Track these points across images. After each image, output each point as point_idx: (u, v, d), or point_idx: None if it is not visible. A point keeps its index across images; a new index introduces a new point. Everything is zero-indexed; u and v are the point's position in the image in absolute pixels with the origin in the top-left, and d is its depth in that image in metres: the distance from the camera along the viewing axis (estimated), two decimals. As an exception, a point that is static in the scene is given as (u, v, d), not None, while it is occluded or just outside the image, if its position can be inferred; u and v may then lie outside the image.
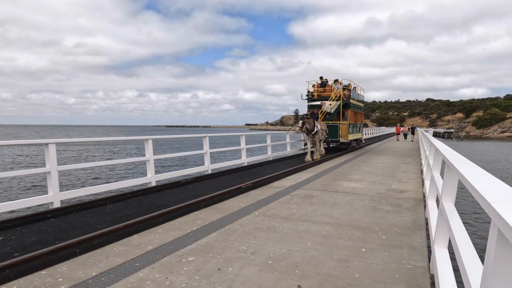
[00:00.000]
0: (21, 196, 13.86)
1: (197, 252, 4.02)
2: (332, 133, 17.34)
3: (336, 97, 17.97)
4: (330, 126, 17.14)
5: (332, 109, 17.69)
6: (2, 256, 4.07)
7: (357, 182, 8.80)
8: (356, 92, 21.46)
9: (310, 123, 13.70)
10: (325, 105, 17.69)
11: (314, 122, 13.86)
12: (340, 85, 18.37)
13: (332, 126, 17.44)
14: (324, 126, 15.20)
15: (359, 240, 4.45)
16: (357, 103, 21.17)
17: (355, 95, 20.90)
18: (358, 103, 21.48)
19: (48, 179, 6.19)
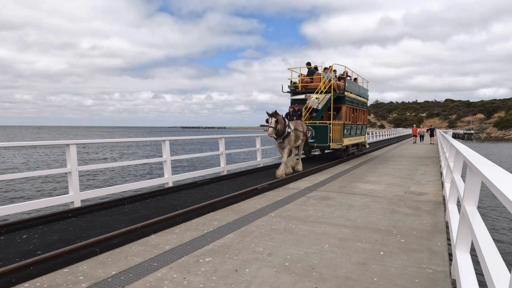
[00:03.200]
0: (43, 195, 14.25)
1: (214, 252, 4.04)
2: (320, 136, 13.27)
3: (326, 89, 13.57)
4: (316, 127, 13.34)
5: (319, 104, 13.57)
6: (26, 253, 4.20)
7: (374, 184, 8.68)
8: (355, 83, 16.76)
9: (281, 121, 9.92)
10: (311, 99, 13.55)
11: (285, 121, 10.10)
12: (332, 73, 13.97)
13: (319, 127, 13.35)
14: (302, 126, 11.30)
15: (377, 243, 4.39)
16: (356, 97, 16.34)
17: (354, 87, 16.13)
18: (357, 98, 16.64)
19: (69, 179, 6.33)
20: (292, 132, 10.31)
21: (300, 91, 14.49)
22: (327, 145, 13.32)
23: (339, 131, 13.82)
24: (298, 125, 10.94)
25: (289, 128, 10.13)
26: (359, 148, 17.92)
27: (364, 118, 18.78)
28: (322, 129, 13.37)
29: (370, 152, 19.67)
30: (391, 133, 49.35)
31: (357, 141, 16.93)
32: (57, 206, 6.85)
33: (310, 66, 14.92)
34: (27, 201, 5.96)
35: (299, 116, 12.81)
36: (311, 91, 13.98)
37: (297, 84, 14.89)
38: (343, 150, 14.63)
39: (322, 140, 13.37)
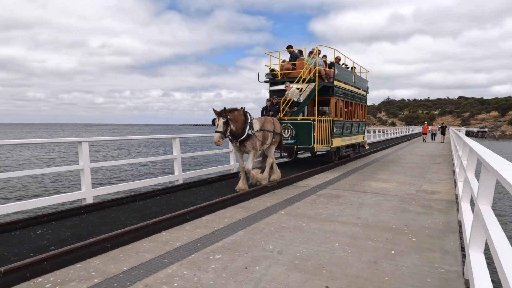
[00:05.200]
0: (57, 192, 14.50)
1: (224, 250, 4.06)
2: (302, 136, 10.71)
3: (310, 76, 11.00)
4: (297, 125, 10.77)
5: (300, 96, 11.00)
6: (40, 248, 4.28)
7: (385, 183, 8.59)
8: (349, 71, 13.97)
9: (237, 119, 7.41)
10: (290, 89, 10.97)
11: (246, 118, 7.62)
12: (317, 57, 11.31)
13: (300, 124, 10.77)
14: (274, 124, 8.61)
15: (388, 242, 4.35)
16: (351, 88, 13.62)
17: (347, 76, 13.33)
18: (353, 89, 13.94)
19: (82, 176, 6.43)
20: (256, 133, 7.77)
21: (279, 80, 11.97)
22: (311, 147, 10.82)
23: (327, 129, 11.23)
24: (267, 123, 8.34)
25: (250, 129, 7.57)
26: (356, 150, 15.45)
27: (362, 114, 15.95)
28: (304, 127, 10.76)
29: (375, 152, 17.72)
30: (402, 131, 48.76)
31: (352, 141, 14.31)
32: (70, 202, 6.95)
33: (292, 50, 12.15)
34: (40, 197, 6.07)
35: (277, 111, 10.83)
36: (293, 80, 11.35)
37: (276, 72, 12.32)
38: (334, 153, 12.38)
39: (304, 140, 10.76)
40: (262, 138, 8.06)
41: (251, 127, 7.63)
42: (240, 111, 7.62)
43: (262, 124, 8.14)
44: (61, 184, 16.63)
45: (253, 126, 7.78)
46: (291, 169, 10.94)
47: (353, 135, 14.33)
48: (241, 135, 7.48)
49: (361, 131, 15.89)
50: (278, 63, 12.44)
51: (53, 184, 16.59)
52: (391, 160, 13.95)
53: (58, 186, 16.25)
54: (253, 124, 7.78)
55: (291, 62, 12.17)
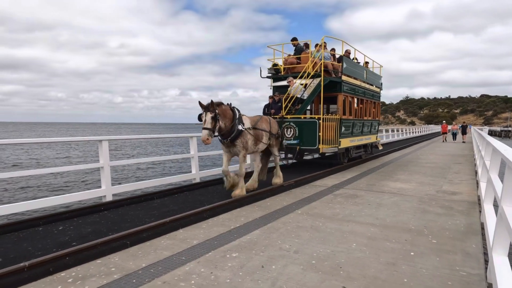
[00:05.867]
0: (78, 189, 14.88)
1: (241, 248, 4.07)
2: (306, 136, 9.91)
3: (315, 71, 10.17)
4: (301, 124, 10.01)
5: (304, 92, 10.19)
6: (62, 244, 4.41)
7: (404, 183, 8.44)
8: (359, 66, 12.86)
9: (225, 114, 6.64)
10: (293, 85, 10.13)
11: (233, 113, 6.85)
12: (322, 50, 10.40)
13: (304, 123, 10.02)
14: (269, 124, 7.87)
15: (407, 243, 4.27)
16: (362, 84, 12.64)
17: (357, 71, 12.24)
18: (364, 85, 12.88)
19: (102, 173, 6.58)
20: (248, 131, 6.99)
21: (283, 76, 11.10)
22: (315, 148, 9.95)
23: (334, 129, 10.32)
24: (262, 122, 7.60)
25: (241, 124, 6.84)
26: (368, 151, 14.34)
27: (375, 113, 14.73)
28: (308, 126, 9.93)
29: (393, 152, 17.17)
30: (421, 130, 47.76)
31: (364, 141, 13.22)
32: (90, 199, 7.12)
33: (297, 42, 11.26)
34: (63, 194, 6.25)
35: (279, 109, 10.09)
36: (297, 75, 10.41)
37: (279, 66, 11.48)
38: (342, 154, 11.32)
39: (308, 141, 9.91)
40: (255, 137, 7.28)
41: (240, 123, 6.82)
42: (226, 106, 6.86)
43: (254, 122, 7.40)
44: (82, 182, 17.05)
45: (244, 122, 6.99)
46: (309, 168, 10.87)
47: (364, 135, 13.26)
48: (231, 132, 6.70)
49: (374, 130, 14.78)
50: (282, 57, 11.58)
51: (74, 182, 17.03)
52: (410, 160, 13.69)
53: (78, 183, 16.68)
54: (243, 120, 6.99)
55: (296, 56, 11.30)
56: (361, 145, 13.20)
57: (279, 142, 8.33)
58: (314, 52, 10.67)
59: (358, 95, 12.31)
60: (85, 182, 17.02)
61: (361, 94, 12.61)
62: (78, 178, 17.94)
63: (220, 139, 6.89)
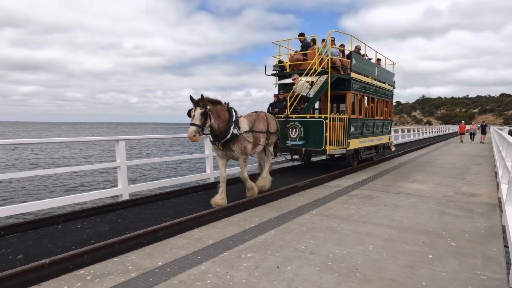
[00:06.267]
0: (95, 188, 15.16)
1: (256, 248, 4.07)
2: (311, 137, 9.37)
3: (322, 67, 9.59)
4: (306, 124, 9.45)
5: (310, 90, 9.67)
6: (80, 242, 4.50)
7: (421, 184, 8.28)
8: (370, 62, 12.14)
9: (219, 115, 6.12)
10: (299, 82, 9.67)
11: (230, 116, 6.33)
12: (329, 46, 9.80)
13: (310, 123, 9.46)
14: (267, 123, 7.37)
15: (425, 245, 4.19)
16: (372, 82, 11.94)
17: (368, 68, 11.57)
18: (375, 83, 12.21)
19: (119, 173, 6.68)
20: (244, 135, 6.43)
21: (289, 73, 10.51)
22: (322, 149, 9.36)
23: (342, 129, 9.77)
24: (259, 121, 7.09)
25: (236, 127, 6.26)
26: (380, 152, 13.62)
27: (388, 112, 14.01)
28: (314, 126, 9.38)
29: (409, 153, 16.81)
30: (438, 130, 46.84)
31: (375, 142, 12.57)
32: (107, 198, 7.24)
33: (304, 38, 10.80)
34: (81, 193, 6.38)
35: (283, 108, 9.60)
36: (304, 72, 9.89)
37: (284, 63, 10.93)
38: (352, 156, 10.83)
39: (314, 142, 9.35)
40: (253, 140, 6.74)
41: (236, 126, 6.30)
42: (223, 105, 6.29)
43: (252, 124, 6.80)
44: (96, 181, 17.37)
45: (240, 125, 6.42)
46: (323, 169, 10.78)
47: (375, 135, 12.58)
48: (225, 135, 6.18)
49: (386, 130, 14.01)
50: (287, 53, 11.06)
51: (91, 181, 17.35)
52: (426, 161, 13.44)
53: (94, 182, 16.99)
54: (239, 123, 6.43)
55: (302, 52, 10.73)
56: (372, 146, 12.57)
57: (276, 140, 7.90)
58: (320, 48, 10.06)
59: (368, 93, 11.65)
60: (98, 181, 17.33)
61: (372, 92, 11.96)
62: (94, 177, 18.27)
63: (211, 140, 6.45)
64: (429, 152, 17.53)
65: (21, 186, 15.12)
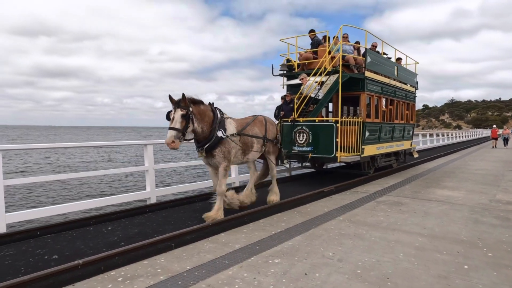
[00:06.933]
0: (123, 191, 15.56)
1: (283, 254, 4.04)
2: (321, 142, 8.49)
3: (332, 66, 8.90)
4: (315, 128, 8.57)
5: (319, 91, 8.92)
6: (111, 244, 4.62)
7: (452, 190, 7.99)
8: (388, 60, 11.17)
9: (203, 116, 5.49)
10: (306, 82, 8.88)
11: (214, 115, 5.68)
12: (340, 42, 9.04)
13: (319, 127, 8.60)
14: (267, 129, 6.67)
15: (459, 255, 4.03)
16: (391, 82, 10.88)
17: (386, 67, 10.61)
18: (394, 83, 11.11)
19: (147, 176, 6.82)
20: (231, 138, 5.71)
21: (297, 73, 9.68)
22: (332, 157, 8.46)
23: (355, 134, 8.92)
24: (254, 125, 6.41)
25: (221, 130, 5.56)
26: (400, 159, 12.47)
27: (409, 115, 12.84)
28: (324, 130, 8.51)
29: (438, 158, 16.05)
30: (469, 135, 45.11)
31: (394, 148, 11.45)
32: (136, 201, 7.41)
33: (314, 34, 9.91)
34: (111, 196, 6.57)
35: (290, 111, 8.84)
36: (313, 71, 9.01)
37: (292, 62, 10.10)
38: (367, 163, 9.87)
39: (323, 148, 8.48)
40: (243, 145, 6.02)
41: (221, 128, 5.58)
42: (207, 105, 5.64)
43: (242, 126, 6.10)
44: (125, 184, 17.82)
45: (226, 127, 5.69)
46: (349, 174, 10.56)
47: (395, 140, 11.45)
48: (209, 138, 5.47)
49: (408, 135, 12.77)
50: (295, 52, 10.20)
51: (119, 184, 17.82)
52: (457, 166, 12.96)
53: (120, 186, 17.44)
54: (225, 125, 5.70)
55: (312, 50, 9.89)
56: (392, 153, 11.50)
57: (277, 149, 7.07)
58: (331, 44, 9.25)
59: (387, 94, 10.56)
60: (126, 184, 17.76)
61: (390, 93, 10.86)
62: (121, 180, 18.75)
63: (196, 146, 5.64)
64: (460, 157, 16.91)
65: (54, 189, 15.73)
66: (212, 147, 5.52)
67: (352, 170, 10.44)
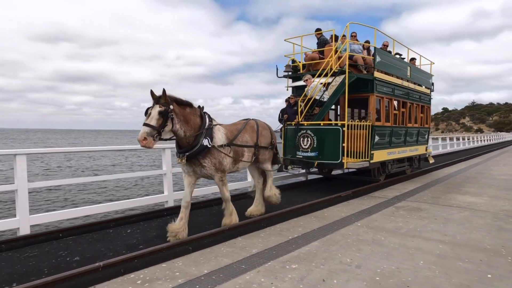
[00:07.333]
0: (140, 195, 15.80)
1: (300, 260, 4.02)
2: (327, 147, 8.09)
3: (337, 66, 8.35)
4: (319, 132, 8.17)
5: (325, 92, 8.44)
6: (130, 246, 4.71)
7: (474, 196, 7.77)
8: (400, 60, 10.53)
9: (187, 119, 5.02)
10: (311, 84, 8.46)
11: (202, 118, 5.25)
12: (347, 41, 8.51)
13: (324, 131, 8.18)
14: (259, 135, 6.12)
15: (482, 263, 3.91)
16: (404, 83, 10.20)
17: (398, 67, 10.00)
18: (406, 85, 10.40)
19: (165, 180, 6.92)
20: (219, 150, 5.23)
21: (302, 74, 9.21)
22: (339, 163, 8.02)
23: (364, 138, 8.37)
24: (245, 131, 5.88)
25: (206, 137, 5.07)
26: (414, 165, 11.69)
27: (424, 118, 12.07)
28: (329, 135, 8.08)
29: (459, 162, 15.73)
30: (491, 139, 43.82)
31: (407, 153, 10.79)
32: (154, 204, 7.52)
33: (320, 33, 9.46)
34: (129, 199, 6.69)
35: (294, 114, 8.49)
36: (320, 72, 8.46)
37: (297, 63, 9.65)
38: (377, 170, 9.25)
39: (329, 153, 8.04)
40: (234, 155, 5.55)
41: (208, 136, 5.09)
42: (195, 109, 5.17)
43: (232, 134, 5.58)
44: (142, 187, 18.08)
45: (214, 135, 5.21)
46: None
47: (408, 145, 10.76)
48: (192, 146, 5.01)
49: (422, 140, 12.04)
50: (300, 52, 9.71)
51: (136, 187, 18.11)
52: (479, 171, 12.61)
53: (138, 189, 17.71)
54: (214, 133, 5.22)
55: (318, 50, 9.43)
56: (405, 158, 10.81)
57: (272, 155, 6.50)
58: (338, 43, 8.78)
59: (398, 96, 9.93)
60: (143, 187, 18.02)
61: (403, 95, 10.19)
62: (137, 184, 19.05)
63: (176, 151, 5.15)
64: (481, 162, 16.44)
65: (74, 192, 16.11)
66: (195, 155, 5.03)
67: (362, 177, 9.86)
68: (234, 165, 5.68)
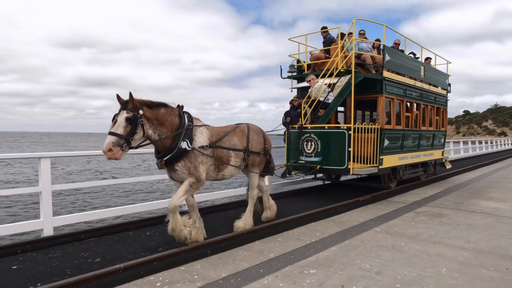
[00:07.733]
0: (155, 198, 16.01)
1: (318, 265, 3.99)
2: (332, 151, 7.62)
3: (343, 65, 7.92)
4: (324, 136, 7.68)
5: (330, 93, 7.98)
6: (149, 249, 4.78)
7: (499, 202, 7.54)
8: (413, 59, 10.00)
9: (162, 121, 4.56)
10: (315, 84, 7.99)
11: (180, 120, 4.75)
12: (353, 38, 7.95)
13: (329, 135, 7.70)
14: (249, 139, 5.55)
15: (508, 272, 3.79)
16: (417, 84, 9.62)
17: (410, 67, 9.42)
18: (420, 85, 9.80)
19: (181, 183, 6.98)
20: (200, 151, 4.73)
21: (306, 75, 8.80)
22: (344, 168, 7.52)
23: (372, 142, 7.87)
24: (234, 134, 5.41)
25: (186, 140, 4.61)
26: (429, 170, 11.04)
27: (439, 121, 11.38)
28: (334, 139, 7.61)
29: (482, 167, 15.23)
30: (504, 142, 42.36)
31: (421, 158, 10.17)
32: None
33: (327, 32, 9.09)
34: (148, 201, 6.79)
35: (297, 116, 8.10)
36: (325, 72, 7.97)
37: (302, 63, 9.26)
38: (387, 176, 8.71)
39: (334, 158, 7.57)
40: (217, 160, 4.99)
41: (187, 138, 4.63)
42: (170, 109, 4.72)
43: (218, 136, 5.09)
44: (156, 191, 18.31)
45: (195, 136, 4.76)
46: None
47: (423, 149, 10.16)
48: (170, 149, 4.57)
49: (438, 144, 11.34)
50: (305, 51, 9.22)
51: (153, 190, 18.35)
52: (503, 176, 12.22)
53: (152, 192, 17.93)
54: (195, 133, 4.77)
55: (324, 48, 9.04)
56: (419, 163, 10.21)
57: (264, 161, 5.98)
58: (343, 41, 8.35)
59: (411, 98, 9.33)
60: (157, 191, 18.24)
61: (416, 97, 9.59)
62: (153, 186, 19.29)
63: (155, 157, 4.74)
64: (506, 166, 15.93)
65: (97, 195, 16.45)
66: (172, 160, 4.57)
67: (370, 183, 9.24)
68: (219, 172, 5.14)
